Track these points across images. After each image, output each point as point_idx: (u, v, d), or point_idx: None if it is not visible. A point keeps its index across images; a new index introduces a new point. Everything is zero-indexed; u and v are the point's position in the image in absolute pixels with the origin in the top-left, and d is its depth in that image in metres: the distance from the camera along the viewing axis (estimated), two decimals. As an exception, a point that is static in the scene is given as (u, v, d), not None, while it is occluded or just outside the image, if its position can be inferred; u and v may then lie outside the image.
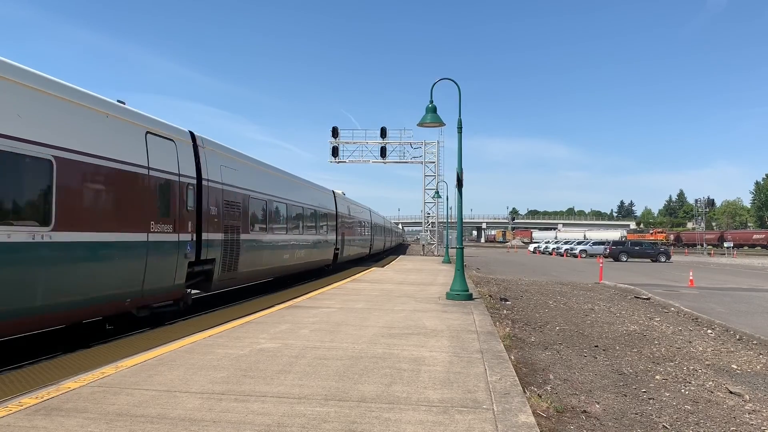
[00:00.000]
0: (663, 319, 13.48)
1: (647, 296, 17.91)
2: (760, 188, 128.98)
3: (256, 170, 15.98)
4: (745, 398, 6.84)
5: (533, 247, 75.87)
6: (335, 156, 48.22)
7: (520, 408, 4.77)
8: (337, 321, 9.33)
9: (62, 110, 8.09)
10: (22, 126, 7.14)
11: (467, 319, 9.85)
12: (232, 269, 13.47)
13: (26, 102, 7.34)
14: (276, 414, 4.49)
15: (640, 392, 6.85)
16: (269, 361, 6.33)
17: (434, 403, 4.87)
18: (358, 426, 4.25)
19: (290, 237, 18.64)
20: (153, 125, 10.35)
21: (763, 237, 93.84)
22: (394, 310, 10.79)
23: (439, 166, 48.75)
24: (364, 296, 13.25)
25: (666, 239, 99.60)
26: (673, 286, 23.37)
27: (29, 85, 7.46)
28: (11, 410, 4.49)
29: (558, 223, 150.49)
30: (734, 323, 12.74)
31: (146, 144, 9.94)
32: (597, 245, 56.33)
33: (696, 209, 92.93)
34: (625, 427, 5.58)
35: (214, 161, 12.66)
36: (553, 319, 12.67)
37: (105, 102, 9.25)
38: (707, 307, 15.97)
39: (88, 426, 4.17)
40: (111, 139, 9.05)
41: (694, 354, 9.49)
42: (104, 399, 4.82)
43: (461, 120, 13.55)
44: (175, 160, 10.87)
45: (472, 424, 4.34)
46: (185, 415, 4.44)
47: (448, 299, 12.77)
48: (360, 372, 5.88)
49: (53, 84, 8.04)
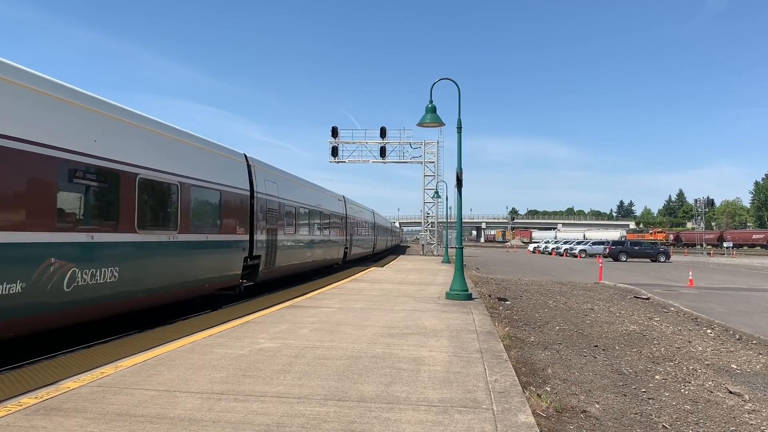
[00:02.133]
0: (662, 318, 13.48)
1: (647, 296, 17.91)
2: (759, 188, 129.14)
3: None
4: (745, 398, 6.84)
5: (533, 247, 75.90)
6: (335, 156, 48.16)
7: (519, 408, 4.77)
8: (337, 321, 9.33)
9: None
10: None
11: (467, 319, 9.85)
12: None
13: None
14: (275, 414, 4.49)
15: (640, 392, 6.85)
16: (269, 361, 6.33)
17: (434, 402, 4.86)
18: (358, 426, 4.24)
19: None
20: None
21: (762, 237, 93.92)
22: (394, 310, 10.79)
23: (439, 166, 48.69)
24: (364, 296, 13.25)
25: (665, 239, 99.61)
26: (672, 285, 23.37)
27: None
28: (11, 410, 4.49)
29: (558, 222, 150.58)
30: (734, 323, 12.75)
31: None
32: (596, 245, 56.36)
33: (695, 209, 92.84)
34: (625, 426, 5.58)
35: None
36: (552, 318, 12.67)
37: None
38: (707, 306, 15.97)
39: (87, 426, 4.16)
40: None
41: (694, 354, 9.49)
42: (104, 399, 4.82)
43: (461, 120, 13.56)
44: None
45: (471, 423, 4.34)
46: (185, 414, 4.44)
47: (448, 299, 12.77)
48: (359, 372, 5.88)
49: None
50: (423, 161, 48.56)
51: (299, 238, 19.27)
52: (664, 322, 12.95)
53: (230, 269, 13.22)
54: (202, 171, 11.76)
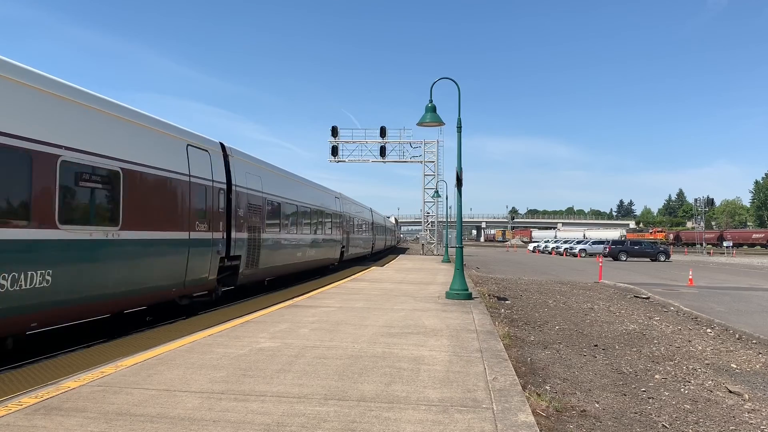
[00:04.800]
0: (662, 318, 13.48)
1: (647, 295, 17.92)
2: (759, 187, 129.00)
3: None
4: (745, 397, 6.85)
5: (533, 247, 75.91)
6: (335, 155, 48.12)
7: (519, 407, 4.77)
8: (337, 320, 9.33)
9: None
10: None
11: (467, 319, 9.85)
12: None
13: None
14: (276, 413, 4.49)
15: (640, 391, 6.85)
16: (269, 360, 6.33)
17: (434, 402, 4.87)
18: (358, 425, 4.25)
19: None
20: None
21: (762, 236, 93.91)
22: (394, 309, 10.79)
23: (439, 166, 48.67)
24: (364, 295, 13.25)
25: (665, 238, 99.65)
26: (672, 285, 23.37)
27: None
28: (11, 410, 4.49)
29: (557, 222, 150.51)
30: (734, 322, 12.75)
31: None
32: (596, 244, 56.38)
33: (695, 208, 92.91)
34: (625, 426, 5.58)
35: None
36: (552, 318, 12.67)
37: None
38: (706, 306, 15.98)
39: (87, 425, 4.17)
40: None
41: (694, 353, 9.50)
42: (104, 398, 4.82)
43: (461, 119, 13.55)
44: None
45: (471, 423, 4.34)
46: (185, 414, 4.44)
47: (448, 298, 12.77)
48: (359, 371, 5.88)
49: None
50: (423, 161, 48.54)
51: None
52: (664, 321, 12.95)
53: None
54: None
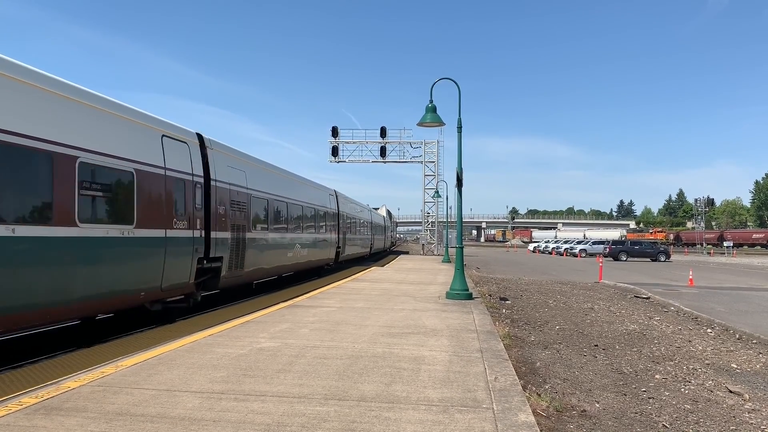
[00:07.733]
0: (663, 318, 13.48)
1: (647, 295, 17.92)
2: (759, 187, 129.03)
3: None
4: (745, 397, 6.84)
5: (533, 247, 75.90)
6: (335, 155, 48.19)
7: (519, 407, 4.77)
8: (337, 320, 9.33)
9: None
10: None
11: (467, 319, 9.85)
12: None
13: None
14: (276, 413, 4.49)
15: (640, 391, 6.85)
16: (269, 360, 6.33)
17: (434, 402, 4.86)
18: (358, 425, 4.24)
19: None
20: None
21: (762, 236, 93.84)
22: (394, 310, 10.79)
23: (439, 166, 48.76)
24: (364, 295, 13.25)
25: (666, 239, 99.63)
26: (672, 285, 23.36)
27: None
28: (11, 410, 4.49)
29: (558, 222, 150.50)
30: (734, 322, 12.75)
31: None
32: (597, 244, 56.40)
33: (696, 209, 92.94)
34: (625, 426, 5.58)
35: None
36: (552, 318, 12.67)
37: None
38: (707, 306, 15.97)
39: (87, 425, 4.17)
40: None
41: (694, 353, 9.50)
42: (104, 398, 4.82)
43: (461, 119, 13.55)
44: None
45: (471, 423, 4.34)
46: (185, 414, 4.44)
47: (448, 298, 12.76)
48: (360, 371, 5.88)
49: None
50: (423, 161, 48.61)
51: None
52: (664, 321, 12.95)
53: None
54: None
